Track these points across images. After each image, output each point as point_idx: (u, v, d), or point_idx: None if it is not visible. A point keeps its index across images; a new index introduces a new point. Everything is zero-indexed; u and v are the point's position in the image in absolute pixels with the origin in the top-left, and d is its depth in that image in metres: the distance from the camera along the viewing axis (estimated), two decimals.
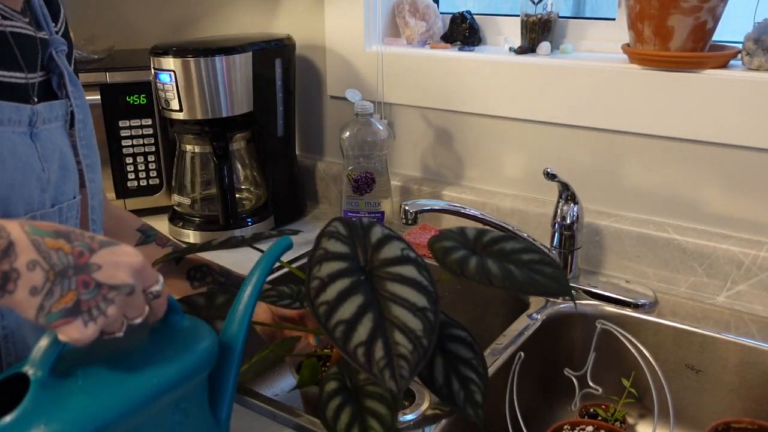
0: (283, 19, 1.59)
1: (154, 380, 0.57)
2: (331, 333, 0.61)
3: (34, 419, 0.52)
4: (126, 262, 0.55)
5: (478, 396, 0.72)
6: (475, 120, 1.37)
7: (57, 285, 0.51)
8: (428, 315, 0.65)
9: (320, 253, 0.67)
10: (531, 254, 0.75)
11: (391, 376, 0.60)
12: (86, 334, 0.52)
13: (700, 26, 1.11)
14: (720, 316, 1.10)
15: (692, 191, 1.17)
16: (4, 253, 0.50)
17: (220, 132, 1.38)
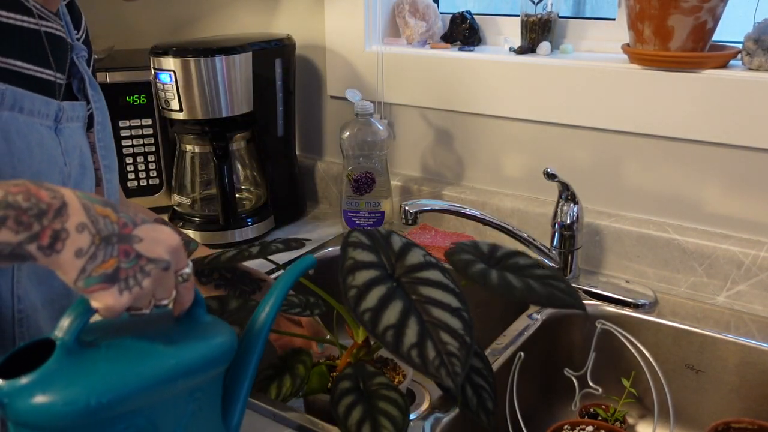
0: (283, 19, 1.59)
1: (172, 361, 0.59)
2: (381, 338, 0.65)
3: (54, 380, 0.54)
4: (164, 239, 0.57)
5: (489, 403, 0.76)
6: (475, 120, 1.37)
7: (101, 250, 0.53)
8: (463, 314, 0.69)
9: (350, 263, 0.70)
10: (543, 270, 0.79)
11: (447, 374, 0.63)
12: (120, 302, 0.54)
13: (700, 26, 1.11)
14: (720, 316, 1.10)
15: (692, 191, 1.17)
16: (56, 212, 0.52)
17: (220, 132, 1.38)
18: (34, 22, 0.72)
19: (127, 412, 0.56)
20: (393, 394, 0.74)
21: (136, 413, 0.57)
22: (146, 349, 0.59)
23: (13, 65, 0.68)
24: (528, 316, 1.10)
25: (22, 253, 0.51)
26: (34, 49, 0.71)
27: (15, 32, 0.69)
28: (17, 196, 0.51)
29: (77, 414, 0.53)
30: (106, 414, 0.55)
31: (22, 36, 0.70)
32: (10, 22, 0.69)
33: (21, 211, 0.51)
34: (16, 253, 0.51)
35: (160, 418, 0.59)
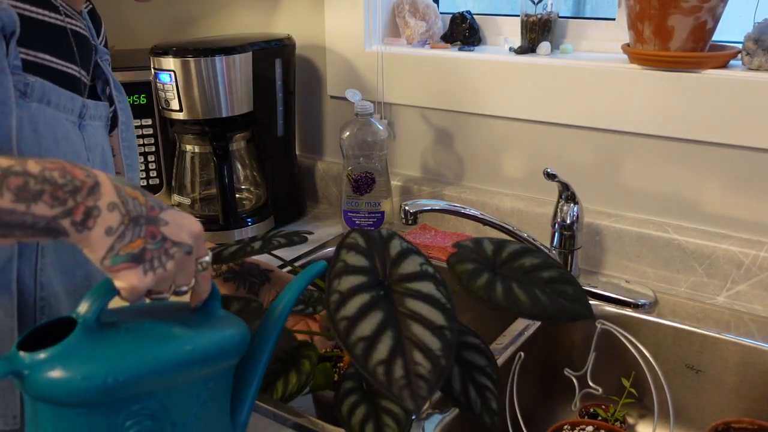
0: (283, 19, 1.59)
1: (189, 347, 0.60)
2: (351, 350, 0.63)
3: (74, 356, 0.55)
4: (188, 225, 0.60)
5: (494, 403, 0.74)
6: (475, 120, 1.37)
7: (129, 230, 0.55)
8: (446, 333, 0.66)
9: (340, 266, 0.68)
10: (550, 271, 0.76)
11: (410, 396, 0.61)
12: (143, 282, 0.56)
13: (700, 26, 1.11)
14: (720, 316, 1.10)
15: (692, 191, 1.17)
16: (90, 190, 0.54)
17: (220, 132, 1.38)
18: (61, 19, 0.74)
19: (142, 393, 0.57)
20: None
21: (150, 396, 0.58)
22: (164, 333, 0.60)
23: (42, 59, 0.70)
24: None
25: (56, 228, 0.53)
26: (61, 45, 0.73)
27: (43, 27, 0.71)
28: (53, 172, 0.53)
29: (94, 390, 0.54)
30: (122, 393, 0.56)
31: (50, 31, 0.72)
32: (39, 18, 0.71)
33: (57, 186, 0.52)
34: (51, 227, 0.52)
35: (173, 403, 0.59)
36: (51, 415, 0.56)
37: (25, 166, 0.52)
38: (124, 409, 0.57)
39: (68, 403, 0.55)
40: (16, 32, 0.66)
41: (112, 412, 0.56)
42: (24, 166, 0.52)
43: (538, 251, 0.79)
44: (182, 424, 0.60)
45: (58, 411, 0.56)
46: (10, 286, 0.69)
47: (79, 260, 0.76)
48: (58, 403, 0.55)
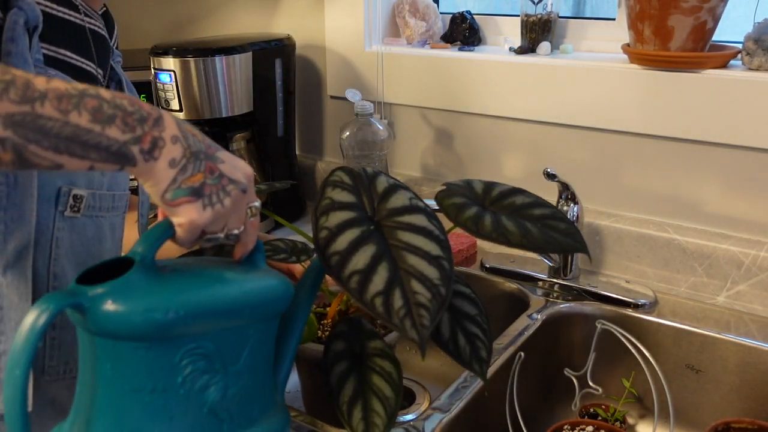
0: (283, 19, 1.59)
1: (240, 290, 0.61)
2: (345, 283, 0.61)
3: (134, 290, 0.56)
4: (241, 166, 0.61)
5: (483, 352, 0.71)
6: (475, 120, 1.37)
7: (191, 163, 0.57)
8: (443, 263, 0.64)
9: (326, 202, 0.67)
10: (542, 209, 0.73)
11: (412, 326, 0.59)
12: (202, 217, 0.58)
13: (700, 26, 1.11)
14: (720, 316, 1.10)
15: (692, 191, 1.17)
16: (155, 121, 0.56)
17: (220, 132, 1.38)
18: (80, 18, 0.75)
19: (198, 332, 0.58)
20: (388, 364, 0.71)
21: (205, 336, 0.59)
22: (216, 276, 0.61)
23: (63, 54, 0.72)
24: (528, 316, 1.10)
25: (127, 154, 0.54)
26: (80, 43, 0.74)
27: (64, 25, 0.73)
28: (123, 101, 0.54)
29: (154, 324, 0.55)
30: (181, 328, 0.57)
31: (70, 29, 0.74)
32: (60, 15, 0.72)
33: (127, 113, 0.54)
34: (122, 153, 0.54)
35: (225, 345, 0.60)
36: (110, 351, 0.57)
37: (98, 90, 0.54)
38: (181, 346, 0.58)
39: (128, 337, 0.56)
40: (39, 27, 0.67)
41: (170, 348, 0.57)
42: (97, 91, 0.54)
43: (530, 193, 0.76)
44: (232, 369, 0.61)
45: (117, 346, 0.56)
46: (26, 272, 0.70)
47: (92, 252, 0.77)
48: (118, 336, 0.56)
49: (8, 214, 0.68)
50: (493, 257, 1.29)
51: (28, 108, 0.50)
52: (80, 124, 0.52)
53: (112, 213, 0.80)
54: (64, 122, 0.51)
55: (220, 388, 0.60)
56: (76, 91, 0.52)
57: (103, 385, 0.57)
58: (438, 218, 0.69)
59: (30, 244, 0.70)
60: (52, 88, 0.51)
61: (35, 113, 0.50)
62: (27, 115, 0.50)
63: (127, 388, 0.57)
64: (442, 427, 0.85)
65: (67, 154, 0.52)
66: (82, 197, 0.74)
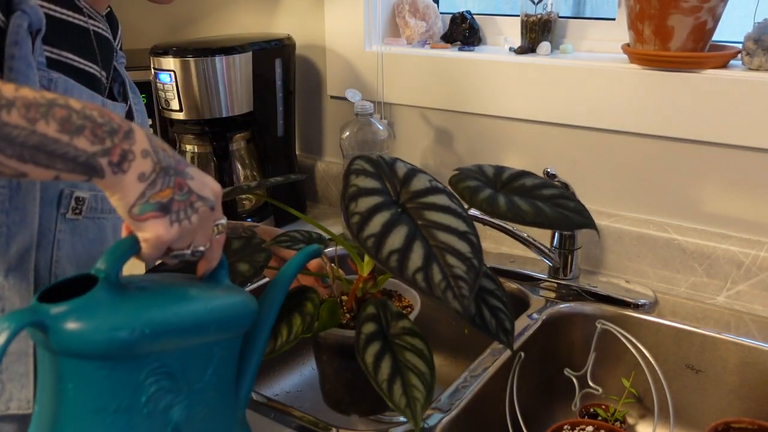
0: (283, 19, 1.59)
1: (206, 307, 0.61)
2: (385, 263, 0.63)
3: (99, 308, 0.55)
4: (210, 183, 0.61)
5: (507, 324, 0.75)
6: (475, 120, 1.37)
7: (160, 178, 0.57)
8: (471, 238, 0.67)
9: (353, 189, 0.69)
10: (551, 189, 0.77)
11: (453, 297, 0.62)
12: (169, 233, 0.57)
13: (700, 26, 1.11)
14: (720, 316, 1.10)
15: (692, 191, 1.17)
16: (125, 134, 0.55)
17: (220, 132, 1.38)
18: (84, 20, 0.75)
19: (163, 350, 0.58)
20: (418, 342, 0.73)
21: (170, 354, 0.58)
22: (181, 294, 0.61)
23: (65, 57, 0.72)
24: (528, 316, 1.10)
25: (95, 166, 0.54)
26: (84, 45, 0.75)
27: (68, 27, 0.73)
28: (93, 111, 0.54)
29: (119, 342, 0.54)
30: (145, 347, 0.56)
31: (74, 31, 0.74)
32: (63, 18, 0.72)
33: (96, 124, 0.54)
34: (90, 164, 0.53)
35: (190, 364, 0.60)
36: (73, 370, 0.55)
37: (67, 100, 0.53)
38: (146, 365, 0.57)
39: (92, 356, 0.55)
40: (42, 30, 0.67)
41: (134, 367, 0.56)
42: (66, 101, 0.53)
43: (537, 176, 0.80)
44: (196, 387, 0.61)
45: (81, 365, 0.55)
46: (28, 275, 0.70)
47: (94, 254, 0.77)
48: (82, 356, 0.55)
49: (11, 217, 0.68)
50: (493, 257, 1.29)
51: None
52: (47, 134, 0.51)
53: (114, 215, 0.80)
54: (30, 131, 0.51)
55: (185, 407, 0.60)
56: (45, 100, 0.52)
57: (64, 405, 0.56)
58: (458, 197, 0.72)
59: (32, 246, 0.70)
60: (20, 96, 0.51)
61: (1, 120, 0.50)
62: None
63: (90, 408, 0.56)
64: (442, 427, 0.85)
65: (32, 164, 0.51)
66: (85, 199, 0.74)
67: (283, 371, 1.23)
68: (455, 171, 0.78)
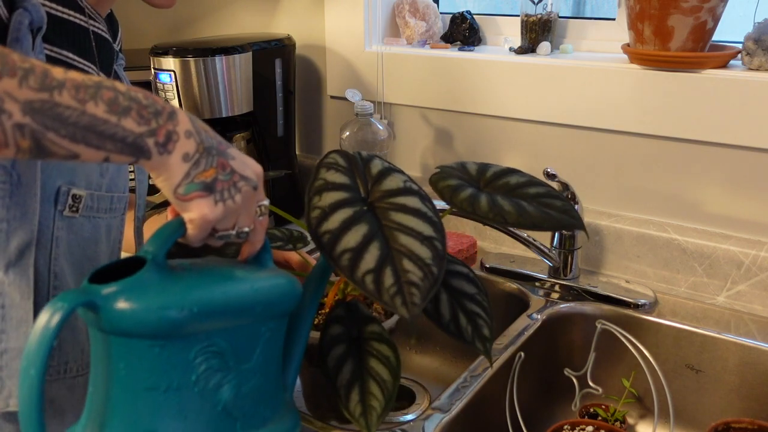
0: (283, 19, 1.59)
1: (252, 287, 0.62)
2: (336, 261, 0.61)
3: (148, 288, 0.56)
4: (251, 164, 0.62)
5: (486, 330, 0.72)
6: (475, 120, 1.37)
7: (203, 158, 0.58)
8: (435, 244, 0.64)
9: (319, 183, 0.67)
10: (537, 187, 0.74)
11: (402, 303, 0.59)
12: (214, 212, 0.58)
13: (700, 26, 1.11)
14: (720, 316, 1.10)
15: (692, 191, 1.17)
16: (169, 115, 0.56)
17: (220, 132, 1.37)
18: (85, 21, 0.75)
19: (212, 329, 0.58)
20: (385, 349, 0.71)
21: (218, 334, 0.59)
22: (227, 274, 0.62)
23: (65, 56, 0.72)
24: (528, 316, 1.10)
25: (142, 146, 0.54)
26: (83, 45, 0.75)
27: (68, 26, 0.73)
28: (138, 93, 0.55)
29: (168, 321, 0.55)
30: (194, 326, 0.57)
31: (74, 31, 0.74)
32: (64, 17, 0.73)
33: (142, 106, 0.55)
34: (137, 145, 0.54)
35: (238, 343, 0.60)
36: (124, 350, 0.56)
37: (113, 83, 0.54)
38: (195, 344, 0.57)
39: (143, 335, 0.55)
40: (42, 28, 0.67)
41: (184, 346, 0.57)
42: (113, 83, 0.54)
43: (524, 173, 0.76)
44: (245, 367, 0.61)
45: (132, 344, 0.56)
46: (28, 271, 0.70)
47: (88, 253, 0.78)
48: (133, 335, 0.55)
49: (11, 212, 0.68)
50: (493, 257, 1.29)
51: (46, 96, 0.50)
52: (97, 114, 0.52)
53: (109, 214, 0.80)
54: (81, 111, 0.52)
55: (234, 387, 0.60)
56: (92, 82, 0.53)
57: (117, 384, 0.57)
58: (432, 201, 0.69)
59: (32, 242, 0.70)
60: (69, 78, 0.52)
61: (53, 101, 0.50)
62: (45, 102, 0.50)
63: (142, 387, 0.57)
64: (442, 427, 0.85)
65: (84, 144, 0.52)
66: (81, 197, 0.74)
67: None
68: (436, 169, 0.75)
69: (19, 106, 0.49)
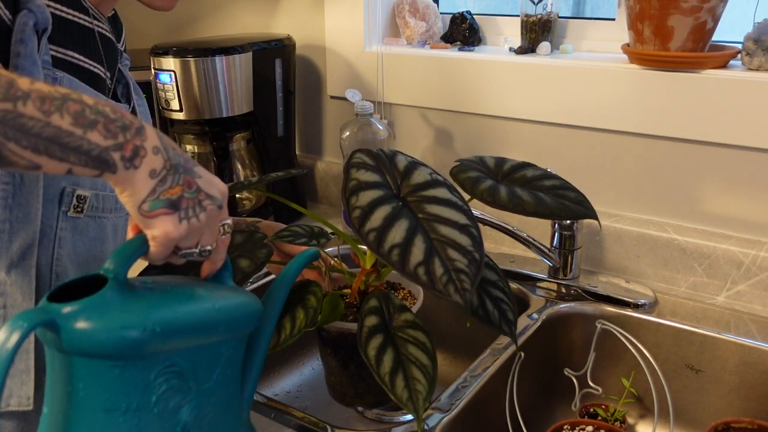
0: (283, 19, 1.59)
1: (214, 306, 0.61)
2: (387, 257, 0.63)
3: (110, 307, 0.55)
4: (216, 182, 0.62)
5: (510, 314, 0.75)
6: (475, 120, 1.37)
7: (170, 175, 0.57)
8: (472, 231, 0.67)
9: (354, 183, 0.69)
10: (552, 180, 0.77)
11: (456, 290, 0.62)
12: (178, 230, 0.58)
13: (700, 26, 1.11)
14: (720, 316, 1.10)
15: (692, 191, 1.17)
16: (137, 131, 0.55)
17: (220, 132, 1.38)
18: (89, 21, 0.75)
19: (172, 350, 0.58)
20: (420, 335, 0.73)
21: (179, 353, 0.58)
22: (189, 293, 0.61)
23: (71, 56, 0.72)
24: (528, 316, 1.10)
25: (108, 160, 0.54)
26: (89, 45, 0.75)
27: (73, 27, 0.73)
28: (105, 107, 0.55)
29: (131, 341, 0.54)
30: (156, 346, 0.56)
31: (79, 32, 0.74)
32: (69, 18, 0.73)
33: (109, 120, 0.54)
34: (103, 159, 0.54)
35: (198, 363, 0.60)
36: (84, 370, 0.55)
37: (80, 96, 0.54)
38: (156, 364, 0.57)
39: (104, 355, 0.55)
40: (48, 29, 0.67)
41: (145, 366, 0.57)
42: (80, 96, 0.54)
43: (538, 167, 0.80)
44: (205, 386, 0.61)
45: (92, 365, 0.55)
46: (30, 271, 0.71)
47: (95, 253, 0.78)
48: (93, 355, 0.55)
49: (14, 213, 0.68)
50: (493, 257, 1.29)
51: (9, 106, 0.50)
52: (62, 126, 0.52)
53: (115, 214, 0.80)
54: (45, 123, 0.51)
55: (193, 407, 0.60)
56: (59, 94, 0.52)
57: (75, 406, 0.56)
58: (458, 190, 0.72)
59: (34, 243, 0.70)
60: (35, 89, 0.51)
61: (17, 111, 0.50)
62: (8, 112, 0.50)
63: (101, 408, 0.56)
64: (442, 427, 0.85)
65: (46, 155, 0.52)
66: (86, 198, 0.74)
67: (283, 371, 1.23)
68: (456, 162, 0.78)
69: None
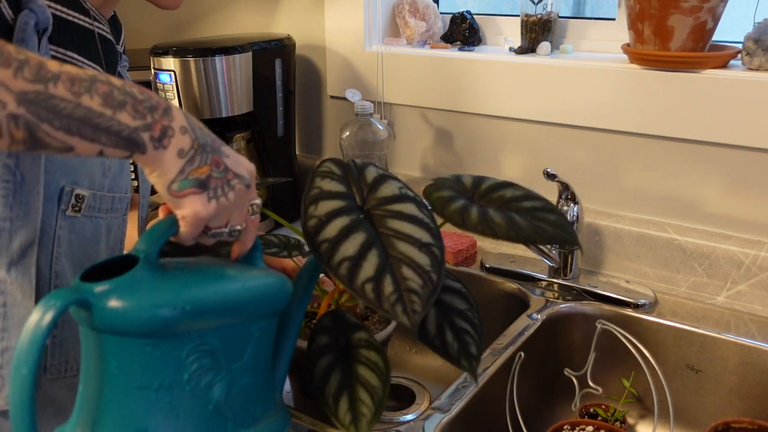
0: (283, 19, 1.59)
1: (244, 285, 0.62)
2: (335, 270, 0.61)
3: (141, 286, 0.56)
4: (244, 162, 0.62)
5: (473, 348, 0.70)
6: (475, 120, 1.37)
7: (198, 155, 0.58)
8: (434, 250, 0.63)
9: (315, 192, 0.66)
10: (533, 201, 0.73)
11: (403, 311, 0.59)
12: (207, 209, 0.58)
13: (700, 26, 1.11)
14: (720, 316, 1.10)
15: (692, 191, 1.17)
16: (164, 111, 0.56)
17: (220, 132, 1.38)
18: (89, 22, 0.76)
19: (204, 328, 0.58)
20: (373, 355, 0.70)
21: (210, 333, 0.59)
22: (219, 273, 0.62)
23: (71, 57, 0.72)
24: (528, 316, 1.10)
25: (137, 140, 0.54)
26: (88, 46, 0.75)
27: (73, 28, 0.73)
28: (133, 88, 0.55)
29: (161, 320, 0.55)
30: (186, 325, 0.57)
31: (80, 33, 0.74)
32: (69, 18, 0.73)
33: (137, 100, 0.55)
34: (132, 139, 0.54)
35: (229, 342, 0.61)
36: (116, 348, 0.56)
37: (108, 77, 0.54)
38: (187, 343, 0.58)
39: (135, 333, 0.55)
40: (48, 29, 0.68)
41: (176, 345, 0.57)
42: (108, 78, 0.54)
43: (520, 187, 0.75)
44: (235, 366, 0.61)
45: (124, 343, 0.56)
46: (30, 270, 0.71)
47: (89, 252, 0.78)
48: (125, 333, 0.55)
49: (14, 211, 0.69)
50: (493, 257, 1.29)
51: (41, 87, 0.50)
52: (92, 107, 0.52)
53: (110, 215, 0.80)
54: (76, 104, 0.52)
55: (225, 386, 0.60)
56: (87, 75, 0.53)
57: (108, 383, 0.57)
58: (428, 208, 0.69)
59: (35, 241, 0.71)
60: (65, 71, 0.52)
61: (48, 93, 0.51)
62: (40, 93, 0.50)
63: (134, 386, 0.57)
64: (442, 427, 0.85)
65: (78, 136, 0.52)
66: (84, 197, 0.74)
67: None
68: (431, 181, 0.75)
69: (13, 97, 0.49)
